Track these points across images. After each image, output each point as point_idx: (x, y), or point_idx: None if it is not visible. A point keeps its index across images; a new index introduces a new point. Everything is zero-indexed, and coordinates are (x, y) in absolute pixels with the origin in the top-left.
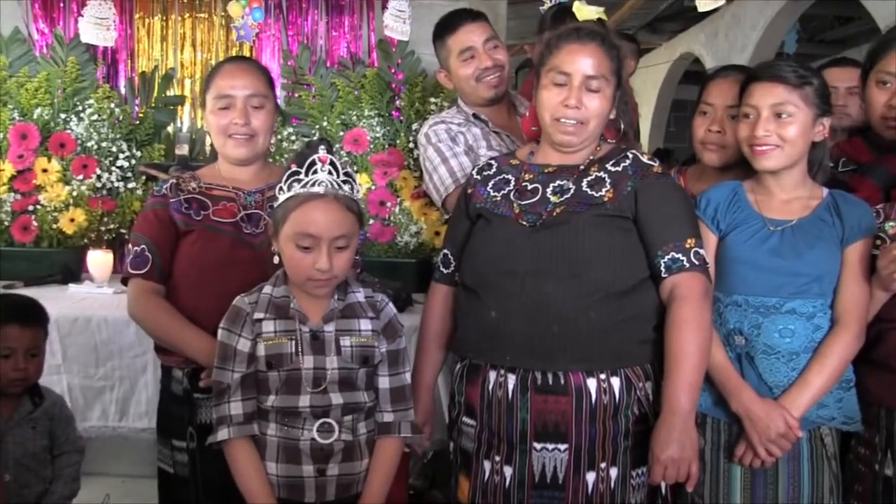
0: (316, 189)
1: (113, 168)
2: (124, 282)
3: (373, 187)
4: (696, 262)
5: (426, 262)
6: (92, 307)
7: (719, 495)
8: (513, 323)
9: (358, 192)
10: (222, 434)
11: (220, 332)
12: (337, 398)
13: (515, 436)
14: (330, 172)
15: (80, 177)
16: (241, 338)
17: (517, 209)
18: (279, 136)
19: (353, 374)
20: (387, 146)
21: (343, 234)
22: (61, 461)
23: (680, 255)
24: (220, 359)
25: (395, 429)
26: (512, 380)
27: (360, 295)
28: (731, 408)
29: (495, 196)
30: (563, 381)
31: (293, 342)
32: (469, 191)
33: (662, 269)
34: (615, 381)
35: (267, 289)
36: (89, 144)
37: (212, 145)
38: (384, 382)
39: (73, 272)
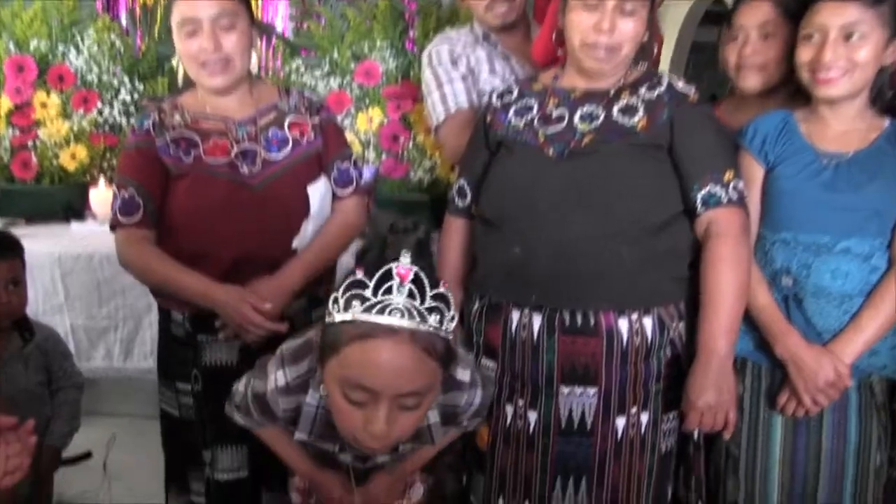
0: (387, 320)
1: (115, 102)
2: (112, 228)
3: (385, 121)
4: (735, 197)
5: (441, 198)
6: (94, 245)
7: (757, 445)
8: (539, 260)
9: (452, 321)
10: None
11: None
12: (384, 458)
13: (541, 379)
14: (411, 295)
15: (81, 111)
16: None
17: (542, 138)
18: (287, 69)
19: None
20: (400, 78)
21: (414, 392)
22: (59, 398)
23: (717, 189)
24: (262, 406)
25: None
26: (537, 320)
27: (433, 414)
28: (775, 353)
29: (517, 123)
30: (592, 322)
31: (336, 446)
32: (488, 118)
33: (699, 203)
34: (647, 322)
35: (311, 400)
36: (89, 78)
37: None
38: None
39: (76, 210)
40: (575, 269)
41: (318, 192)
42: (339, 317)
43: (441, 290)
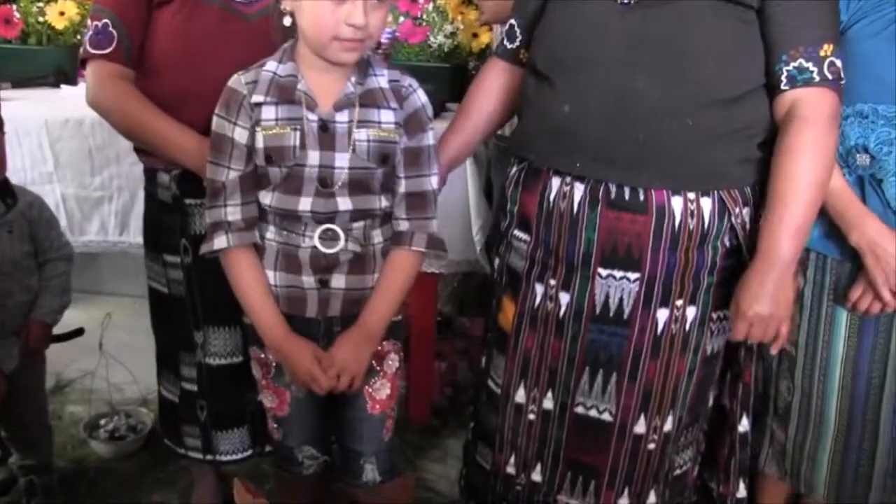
0: None
1: None
2: (83, 64)
3: None
4: (830, 76)
5: (462, 67)
6: (85, 109)
7: (818, 344)
8: (589, 121)
9: None
10: (219, 242)
11: (214, 119)
12: (345, 203)
13: (577, 257)
14: None
15: None
16: (237, 126)
17: None
18: None
19: (368, 175)
20: None
21: None
22: (47, 270)
23: (810, 65)
24: (215, 152)
25: (408, 240)
26: (580, 190)
27: (383, 79)
28: (849, 241)
29: None
30: (642, 197)
31: (297, 133)
32: None
33: (784, 78)
34: (706, 203)
35: (270, 65)
36: None
37: None
38: (401, 185)
39: (67, 73)
40: (630, 135)
41: None
42: None
43: None
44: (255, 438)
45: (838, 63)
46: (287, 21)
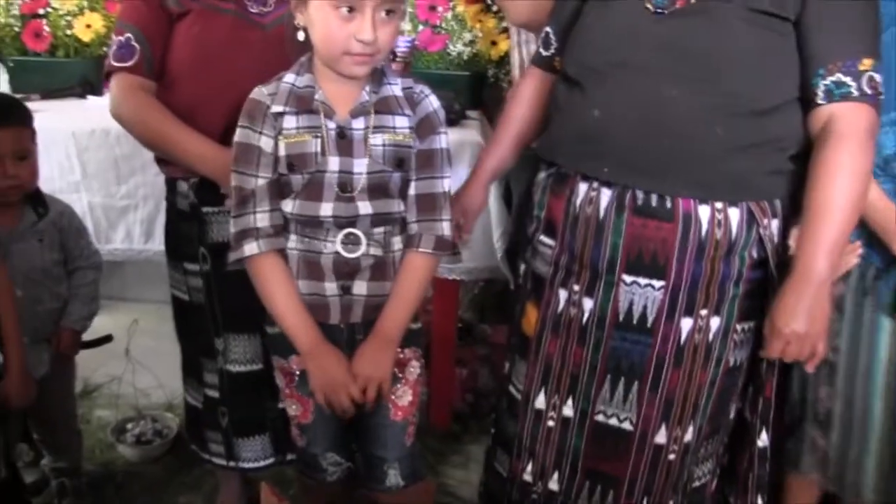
0: None
1: None
2: (107, 77)
3: None
4: (869, 91)
5: (481, 74)
6: (111, 119)
7: (860, 349)
8: (618, 127)
9: None
10: (250, 248)
11: (238, 130)
12: (365, 207)
13: (602, 263)
14: None
15: None
16: (262, 135)
17: None
18: None
19: (385, 179)
20: None
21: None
22: (76, 278)
23: (848, 79)
24: (240, 162)
25: (416, 241)
26: (606, 195)
27: (396, 87)
28: (892, 251)
29: None
30: (669, 205)
31: (317, 140)
32: None
33: (820, 92)
34: (734, 214)
35: (288, 77)
36: None
37: None
38: (412, 188)
39: (93, 84)
40: (658, 143)
41: None
42: None
43: None
44: (278, 446)
45: (878, 77)
46: (301, 36)
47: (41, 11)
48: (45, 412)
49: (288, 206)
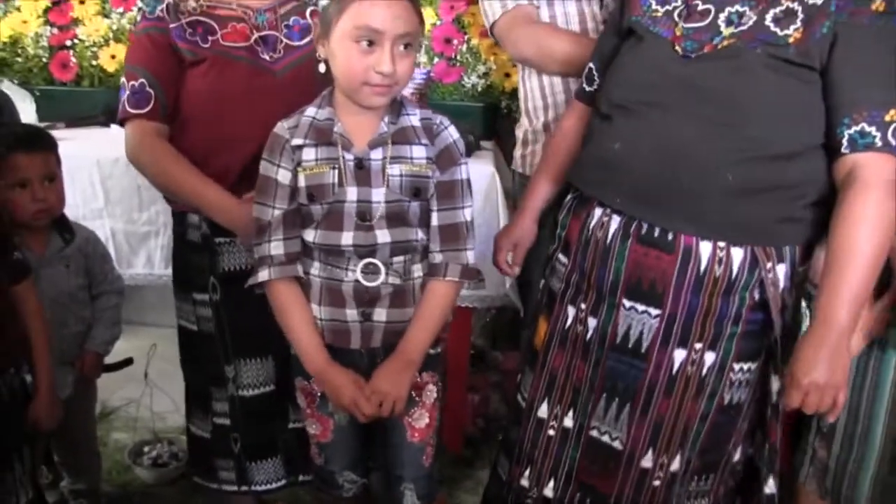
0: None
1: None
2: (121, 123)
3: (438, 23)
4: (893, 142)
5: (494, 106)
6: None
7: (869, 364)
8: (634, 160)
9: None
10: (263, 275)
11: (261, 163)
12: (384, 236)
13: (606, 285)
14: None
15: (120, 9)
16: (280, 168)
17: (679, 31)
18: None
19: (403, 208)
20: None
21: (409, 32)
22: (100, 303)
23: (873, 129)
24: (260, 193)
25: (443, 271)
26: (616, 221)
27: (415, 118)
28: None
29: (656, 10)
30: (670, 237)
31: (335, 171)
32: None
33: (844, 141)
34: (737, 254)
35: (309, 111)
36: None
37: None
38: (434, 219)
39: (116, 113)
40: (667, 179)
41: None
42: None
43: None
44: (290, 468)
45: None
46: (322, 68)
47: (68, 43)
48: (67, 434)
49: (310, 235)
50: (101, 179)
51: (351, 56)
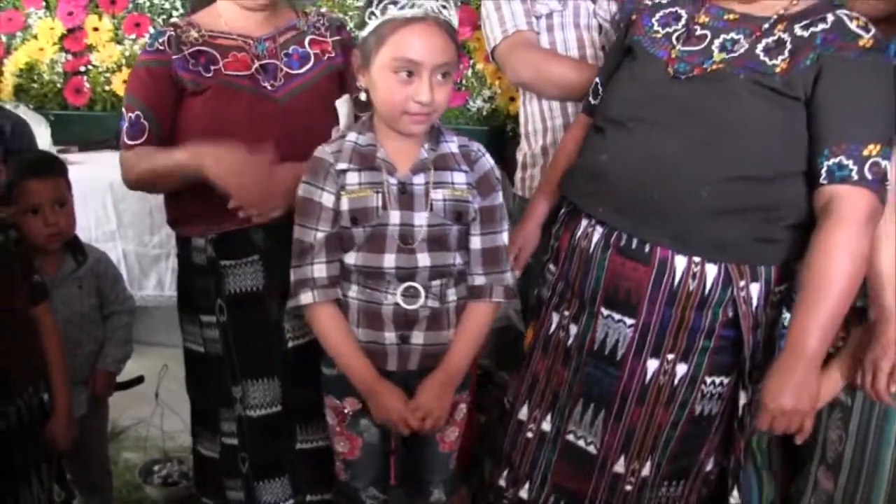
0: (416, 12)
1: None
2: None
3: None
4: (870, 176)
5: (499, 129)
6: None
7: (872, 417)
8: (618, 173)
9: (454, 18)
10: (305, 298)
11: (300, 186)
12: (424, 259)
13: (587, 294)
14: None
15: (133, 36)
16: (324, 192)
17: (675, 54)
18: None
19: (445, 231)
20: (458, 2)
21: (446, 62)
22: (112, 322)
23: (850, 162)
24: (302, 216)
25: (487, 293)
26: (598, 232)
27: (453, 145)
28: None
29: (657, 31)
30: (647, 249)
31: (379, 195)
32: (633, 17)
33: (823, 172)
34: (711, 269)
35: (351, 136)
36: (141, 1)
37: None
38: (476, 242)
39: None
40: (648, 192)
41: (344, 106)
42: (375, 22)
43: None
44: (296, 487)
45: (883, 164)
46: (363, 96)
47: (82, 69)
48: (79, 452)
49: (351, 258)
50: (114, 202)
51: (391, 86)
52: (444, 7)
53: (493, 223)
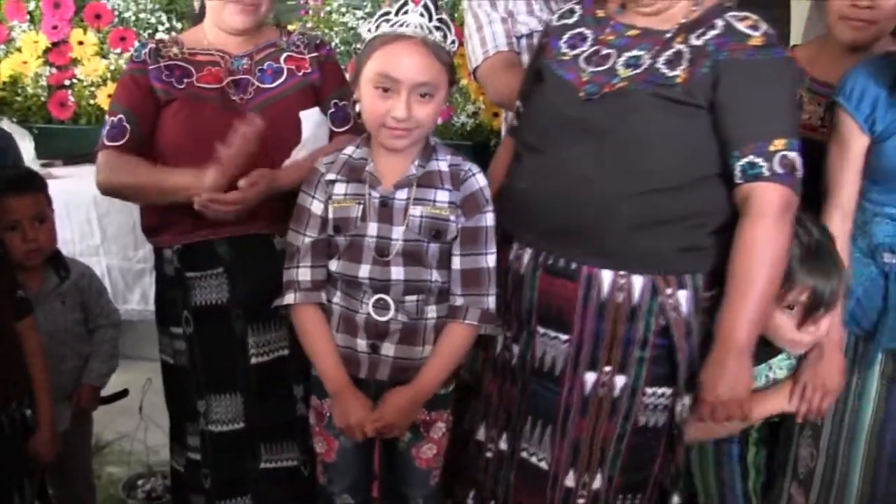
0: (403, 30)
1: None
2: (97, 153)
3: None
4: (780, 171)
5: (483, 144)
6: None
7: (845, 415)
8: (538, 198)
9: (452, 43)
10: (289, 298)
11: (299, 194)
12: (399, 273)
13: (523, 313)
14: (422, 15)
15: (118, 50)
16: (314, 199)
17: (584, 76)
18: (328, 8)
19: (420, 248)
20: None
21: (426, 82)
22: (97, 336)
23: (760, 160)
24: (295, 221)
25: (462, 314)
26: (528, 254)
27: (444, 163)
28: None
29: (565, 54)
30: (573, 266)
31: (360, 206)
32: (544, 40)
33: (737, 172)
34: (637, 281)
35: (348, 149)
36: (126, 15)
37: (201, 6)
38: (456, 262)
39: None
40: (566, 214)
41: (310, 119)
42: (372, 34)
43: (444, 16)
44: None
45: (791, 155)
46: (358, 107)
47: (67, 82)
48: (62, 466)
49: (333, 265)
50: (98, 217)
51: (373, 100)
52: (438, 28)
53: (476, 244)
